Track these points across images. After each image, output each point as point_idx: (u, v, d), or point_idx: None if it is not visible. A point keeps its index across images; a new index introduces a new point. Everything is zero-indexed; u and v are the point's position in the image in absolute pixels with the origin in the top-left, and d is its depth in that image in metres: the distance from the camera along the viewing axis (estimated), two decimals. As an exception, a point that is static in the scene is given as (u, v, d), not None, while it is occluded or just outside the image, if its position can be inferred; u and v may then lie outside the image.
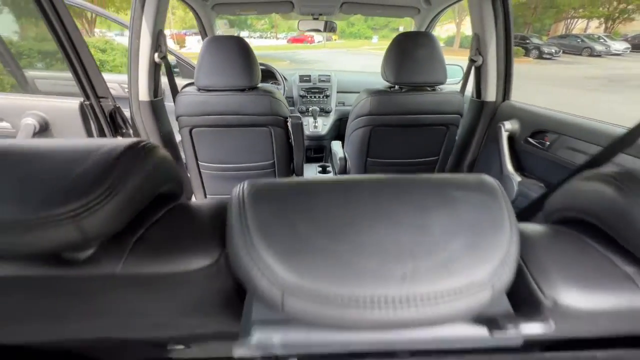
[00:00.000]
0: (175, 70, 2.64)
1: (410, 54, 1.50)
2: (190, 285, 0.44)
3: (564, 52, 20.22)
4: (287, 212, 0.38)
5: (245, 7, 2.23)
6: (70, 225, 0.35)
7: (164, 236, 0.44)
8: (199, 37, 2.52)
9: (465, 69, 1.83)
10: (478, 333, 0.39)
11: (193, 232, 0.45)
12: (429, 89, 1.61)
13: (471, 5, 1.62)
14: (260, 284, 0.35)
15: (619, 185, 0.43)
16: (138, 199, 0.41)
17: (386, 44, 1.58)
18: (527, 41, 20.42)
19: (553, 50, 19.62)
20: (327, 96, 2.83)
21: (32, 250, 0.37)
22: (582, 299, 0.41)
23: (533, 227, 0.50)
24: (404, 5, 2.19)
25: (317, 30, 2.72)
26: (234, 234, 0.38)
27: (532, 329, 0.38)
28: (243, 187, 0.41)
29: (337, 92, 2.87)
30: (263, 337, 0.39)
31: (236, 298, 0.47)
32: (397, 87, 1.61)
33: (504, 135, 1.60)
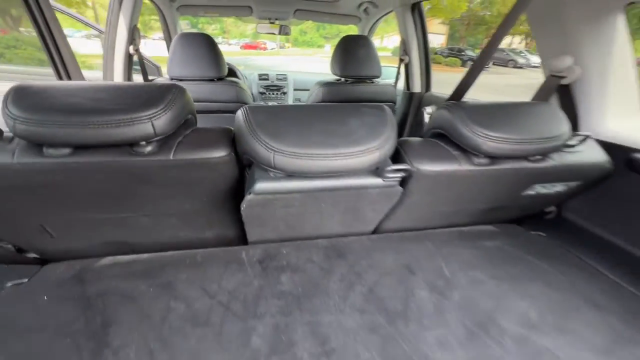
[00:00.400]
0: (137, 68, 2.77)
1: (353, 52, 1.87)
2: (214, 167, 0.72)
3: (493, 64, 22.76)
4: (273, 116, 0.70)
5: (209, 9, 2.47)
6: (148, 123, 0.63)
7: (194, 140, 0.73)
8: (146, 40, 2.68)
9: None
10: (375, 179, 0.74)
11: (212, 138, 0.74)
12: (367, 81, 2.00)
13: (398, 17, 2.06)
14: (260, 150, 0.66)
15: (450, 109, 0.81)
16: (180, 115, 0.70)
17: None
18: (463, 53, 22.64)
19: (484, 62, 22.02)
20: (284, 93, 3.14)
21: (122, 140, 0.63)
22: (431, 167, 0.78)
23: (412, 139, 0.87)
24: (348, 14, 2.60)
25: (273, 34, 3.03)
26: (242, 129, 0.69)
27: (402, 174, 0.74)
28: (245, 108, 0.72)
29: (294, 89, 3.19)
30: (262, 185, 0.69)
31: (241, 179, 0.77)
32: (343, 79, 1.98)
33: (426, 118, 2.04)
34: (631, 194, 0.93)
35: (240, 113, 0.72)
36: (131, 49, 1.82)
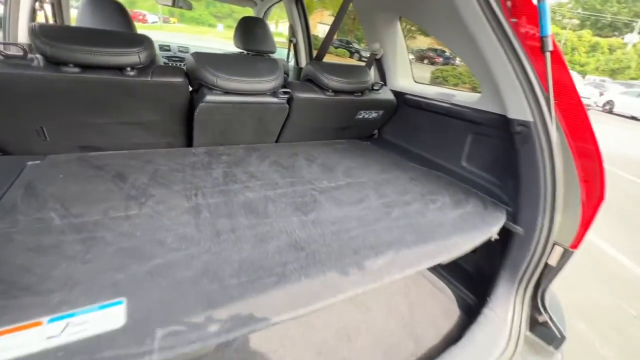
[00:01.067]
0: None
1: (253, 30, 2.39)
2: (175, 88, 1.20)
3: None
4: (213, 58, 1.23)
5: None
6: (135, 55, 1.09)
7: (162, 70, 1.19)
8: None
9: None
10: (273, 98, 1.36)
11: (173, 71, 1.21)
12: (265, 55, 2.56)
13: (285, 6, 2.67)
14: (208, 75, 1.19)
15: (313, 65, 1.47)
16: (152, 53, 1.15)
17: (232, 33, 2.39)
18: (350, 45, 25.05)
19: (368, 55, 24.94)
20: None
21: (117, 65, 1.07)
22: (302, 94, 1.44)
23: (293, 81, 1.50)
24: None
25: (169, 5, 3.24)
26: (194, 65, 1.20)
27: (287, 95, 1.37)
28: (194, 53, 1.21)
29: None
30: (210, 97, 1.22)
31: (190, 101, 1.27)
32: (245, 52, 2.49)
33: None
34: (407, 119, 1.78)
35: (190, 56, 1.22)
36: (37, 5, 1.92)
